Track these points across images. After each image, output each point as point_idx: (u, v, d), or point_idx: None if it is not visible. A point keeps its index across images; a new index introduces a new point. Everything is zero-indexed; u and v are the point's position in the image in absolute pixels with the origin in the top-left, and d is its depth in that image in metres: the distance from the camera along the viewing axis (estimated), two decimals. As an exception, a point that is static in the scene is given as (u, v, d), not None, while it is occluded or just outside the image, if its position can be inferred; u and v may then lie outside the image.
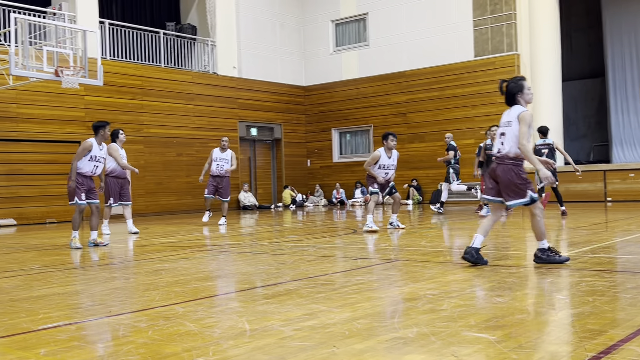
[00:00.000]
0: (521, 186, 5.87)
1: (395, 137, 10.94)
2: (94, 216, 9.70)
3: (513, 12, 19.18)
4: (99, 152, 9.59)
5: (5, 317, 4.32)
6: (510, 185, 5.90)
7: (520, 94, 6.24)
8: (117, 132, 11.69)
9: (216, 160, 13.53)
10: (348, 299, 4.58)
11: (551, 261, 5.79)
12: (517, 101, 6.26)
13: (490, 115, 19.52)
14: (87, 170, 9.55)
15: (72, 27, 14.20)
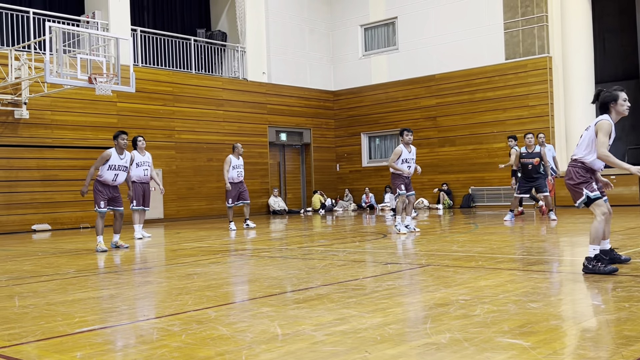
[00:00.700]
0: (578, 186, 5.69)
1: (410, 131, 11.21)
2: (117, 221, 10.03)
3: (544, 14, 18.96)
4: (119, 161, 9.78)
5: (42, 320, 4.40)
6: (569, 186, 5.78)
7: (613, 103, 5.78)
8: (136, 140, 11.90)
9: (236, 168, 13.68)
10: (379, 304, 4.56)
11: (596, 272, 5.46)
12: (609, 111, 5.80)
13: (521, 118, 19.32)
14: (108, 179, 9.77)
15: (105, 35, 14.43)
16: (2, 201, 15.25)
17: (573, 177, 5.72)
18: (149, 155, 12.09)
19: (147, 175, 11.98)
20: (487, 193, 20.08)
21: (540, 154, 12.88)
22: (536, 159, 12.83)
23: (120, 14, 17.84)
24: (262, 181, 21.27)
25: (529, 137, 12.95)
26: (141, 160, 11.85)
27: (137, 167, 11.81)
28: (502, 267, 6.30)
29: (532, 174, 12.88)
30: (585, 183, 5.66)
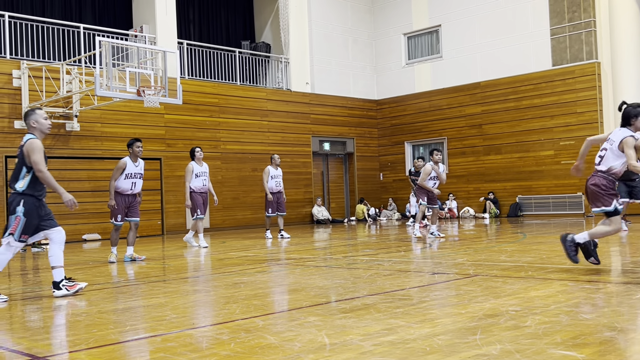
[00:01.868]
0: (605, 195, 6.23)
1: (439, 151, 12.09)
2: (131, 232, 10.16)
3: (592, 19, 18.59)
4: (134, 169, 10.00)
5: (94, 328, 4.50)
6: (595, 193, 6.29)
7: (635, 119, 6.28)
8: (194, 150, 12.07)
9: (274, 178, 13.85)
10: (427, 314, 4.52)
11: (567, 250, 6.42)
12: (631, 124, 6.31)
13: (569, 125, 18.94)
14: (126, 188, 9.94)
15: (153, 49, 14.74)
16: (54, 211, 15.56)
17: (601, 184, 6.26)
18: (207, 165, 12.27)
19: (206, 185, 12.18)
20: (535, 202, 19.72)
21: None
22: None
23: (167, 27, 18.20)
24: (306, 191, 21.34)
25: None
26: (200, 171, 12.04)
27: (196, 177, 12.05)
28: (553, 277, 6.17)
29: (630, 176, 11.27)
30: (614, 195, 6.24)
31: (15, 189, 6.05)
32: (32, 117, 6.25)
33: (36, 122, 6.24)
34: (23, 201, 6.02)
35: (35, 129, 6.22)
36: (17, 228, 5.98)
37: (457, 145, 21.57)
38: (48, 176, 6.05)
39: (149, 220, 17.43)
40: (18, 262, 10.88)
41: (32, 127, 6.23)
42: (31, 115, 6.28)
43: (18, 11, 17.01)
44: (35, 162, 5.98)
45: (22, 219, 6.01)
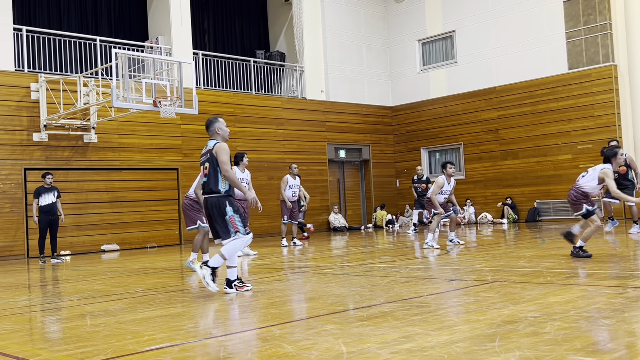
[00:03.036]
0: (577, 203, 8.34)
1: (453, 164, 11.97)
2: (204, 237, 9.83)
3: (608, 21, 18.44)
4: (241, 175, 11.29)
5: (113, 338, 4.52)
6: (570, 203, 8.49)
7: (613, 158, 8.13)
8: (242, 156, 12.04)
9: (292, 187, 14.13)
10: (445, 321, 4.49)
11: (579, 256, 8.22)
12: (611, 162, 8.13)
13: (587, 129, 18.78)
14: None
15: (169, 60, 14.85)
16: (72, 222, 15.80)
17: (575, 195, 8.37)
18: (249, 172, 12.29)
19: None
20: (554, 206, 19.55)
21: (626, 162, 12.17)
22: (622, 168, 12.19)
23: (183, 38, 18.34)
24: (322, 198, 21.34)
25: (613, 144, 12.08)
26: (241, 177, 12.02)
27: None
28: (572, 282, 6.11)
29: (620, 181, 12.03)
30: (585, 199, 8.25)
31: (220, 191, 6.44)
32: (215, 125, 6.75)
33: (220, 129, 6.76)
34: (228, 202, 6.45)
35: (219, 135, 6.74)
36: (237, 225, 6.34)
37: (474, 151, 21.46)
38: (233, 176, 6.45)
39: (166, 230, 17.53)
40: (38, 274, 10.98)
41: (216, 134, 6.73)
42: (215, 123, 6.77)
43: (35, 25, 17.24)
44: (223, 162, 6.41)
45: (235, 217, 6.40)
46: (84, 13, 19.05)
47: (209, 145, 6.61)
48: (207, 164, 6.54)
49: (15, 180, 15.14)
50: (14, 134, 15.22)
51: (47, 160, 15.57)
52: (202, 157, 6.68)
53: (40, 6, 18.11)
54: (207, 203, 6.50)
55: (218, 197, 6.42)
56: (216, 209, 6.40)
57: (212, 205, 6.43)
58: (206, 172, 6.53)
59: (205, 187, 6.55)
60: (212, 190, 6.44)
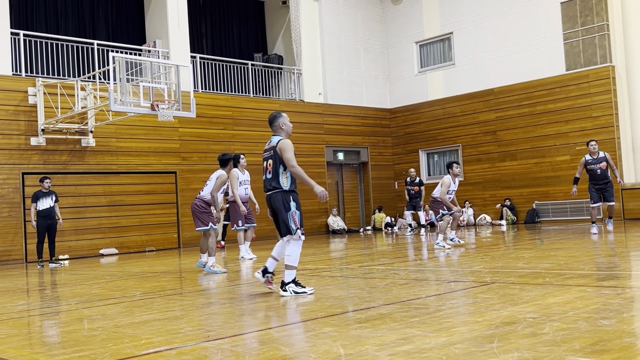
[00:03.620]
0: None
1: (458, 164, 12.03)
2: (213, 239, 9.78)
3: (605, 22, 18.46)
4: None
5: (110, 342, 4.50)
6: None
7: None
8: (239, 157, 12.06)
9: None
10: (443, 323, 4.48)
11: None
12: None
13: (585, 130, 18.79)
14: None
15: (166, 63, 14.85)
16: (71, 227, 15.78)
17: None
18: (248, 173, 12.30)
19: (248, 194, 12.35)
20: (553, 208, 19.55)
21: (606, 159, 12.72)
22: (603, 163, 12.67)
23: (180, 42, 18.34)
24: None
25: (592, 145, 12.84)
26: (243, 179, 12.08)
27: (240, 185, 12.25)
28: (571, 283, 6.10)
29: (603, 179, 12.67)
30: None
31: (282, 188, 6.37)
32: (280, 120, 6.57)
33: (284, 124, 6.57)
34: (292, 197, 6.38)
35: (283, 130, 6.57)
36: (297, 222, 6.31)
37: (472, 152, 21.47)
38: (300, 171, 6.35)
39: (165, 233, 17.51)
40: (36, 278, 10.96)
41: (280, 130, 6.56)
42: (279, 118, 6.59)
43: (33, 29, 17.24)
44: (288, 159, 6.31)
45: (297, 214, 6.37)
46: (81, 17, 19.05)
47: (273, 141, 6.49)
48: (270, 161, 6.45)
49: (13, 184, 15.12)
50: (11, 139, 15.20)
51: (44, 165, 15.55)
52: (266, 154, 6.54)
53: (38, 10, 18.11)
54: (270, 200, 6.45)
55: (282, 193, 6.36)
56: (281, 205, 6.34)
57: (276, 201, 6.38)
58: (269, 169, 6.44)
59: (267, 183, 6.47)
60: (275, 186, 6.38)
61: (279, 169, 6.37)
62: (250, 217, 12.92)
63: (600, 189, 12.73)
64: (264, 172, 6.53)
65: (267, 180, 6.48)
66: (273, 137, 6.54)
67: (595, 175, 12.73)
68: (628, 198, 18.12)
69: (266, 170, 6.49)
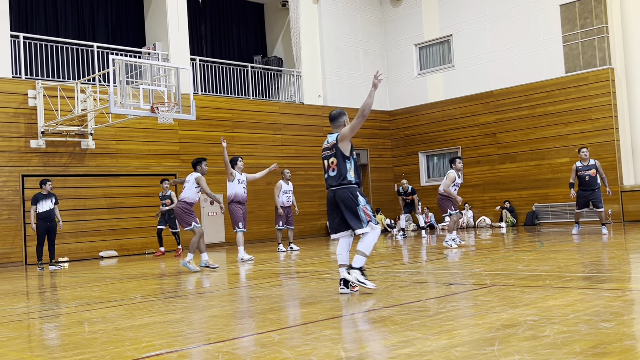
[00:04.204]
0: None
1: (461, 159, 12.42)
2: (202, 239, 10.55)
3: (604, 25, 18.49)
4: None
5: (111, 345, 4.50)
6: None
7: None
8: (237, 160, 12.22)
9: (285, 193, 14.33)
10: (444, 325, 4.48)
11: None
12: None
13: (584, 132, 18.81)
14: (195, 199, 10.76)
15: (166, 66, 14.86)
16: (70, 229, 15.77)
17: None
18: (246, 175, 12.43)
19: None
20: (552, 210, 19.56)
21: (596, 166, 13.25)
22: (592, 171, 13.22)
23: (180, 44, 18.35)
24: (320, 203, 21.32)
25: (583, 151, 13.40)
26: (239, 179, 12.17)
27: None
28: (571, 285, 6.10)
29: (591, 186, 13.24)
30: None
31: (351, 182, 6.38)
32: (344, 118, 6.62)
33: (347, 122, 6.61)
34: (358, 192, 6.41)
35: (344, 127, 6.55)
36: (370, 214, 6.33)
37: (472, 155, 21.48)
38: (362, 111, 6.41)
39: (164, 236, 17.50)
40: (36, 281, 10.95)
41: (342, 127, 6.56)
42: (343, 115, 6.64)
43: (33, 32, 17.25)
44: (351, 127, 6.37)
45: (367, 207, 6.39)
46: (81, 20, 19.06)
47: (331, 139, 6.52)
48: (332, 159, 6.45)
49: (13, 187, 15.12)
50: (11, 141, 15.21)
51: (44, 167, 15.55)
52: (325, 152, 6.55)
53: (38, 13, 18.12)
54: (334, 195, 6.41)
55: (349, 188, 6.36)
56: (348, 200, 6.32)
57: (342, 197, 6.35)
58: (333, 167, 6.44)
59: (332, 180, 6.45)
60: (342, 182, 6.36)
61: (345, 164, 6.38)
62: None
63: (588, 195, 13.25)
64: (326, 170, 6.55)
65: (331, 177, 6.47)
66: (330, 136, 6.56)
67: (584, 181, 13.29)
68: (628, 200, 18.13)
69: (328, 169, 6.49)
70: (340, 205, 6.38)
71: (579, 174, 13.31)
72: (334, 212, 6.48)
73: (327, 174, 6.50)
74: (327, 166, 6.52)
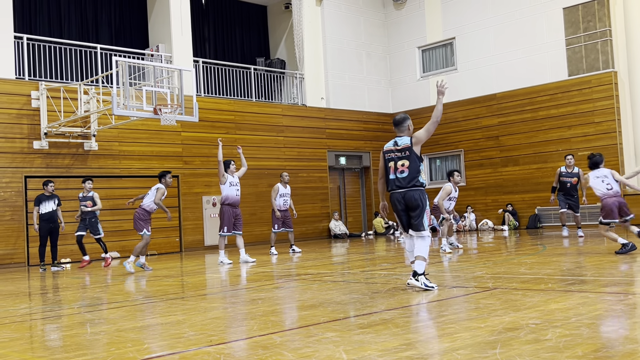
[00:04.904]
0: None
1: (459, 172, 12.79)
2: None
3: (608, 28, 18.48)
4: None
5: (113, 346, 4.51)
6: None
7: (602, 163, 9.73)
8: (229, 163, 12.49)
9: (283, 196, 14.44)
10: (446, 328, 4.48)
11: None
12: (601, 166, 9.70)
13: (587, 135, 18.78)
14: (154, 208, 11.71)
15: (169, 67, 14.87)
16: (73, 230, 15.75)
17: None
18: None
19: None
20: (555, 213, 19.52)
21: (579, 175, 13.88)
22: (574, 179, 13.92)
23: (183, 46, 18.37)
24: (323, 205, 21.33)
25: (568, 158, 14.07)
26: (231, 181, 12.35)
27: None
28: (573, 289, 6.10)
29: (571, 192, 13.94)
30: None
31: (423, 185, 6.68)
32: (408, 122, 6.93)
33: (411, 126, 6.90)
34: (426, 196, 6.68)
35: (410, 131, 6.87)
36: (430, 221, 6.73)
37: (474, 157, 21.47)
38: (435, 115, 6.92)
39: (167, 237, 17.52)
40: (38, 282, 10.96)
41: (407, 131, 6.87)
42: (408, 120, 6.95)
43: (36, 33, 17.29)
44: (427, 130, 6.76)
45: (428, 211, 6.69)
46: (84, 21, 19.10)
47: (402, 141, 6.73)
48: (404, 161, 6.66)
49: (16, 188, 15.14)
50: (14, 142, 15.23)
51: (47, 168, 15.58)
52: (393, 154, 6.76)
53: (41, 14, 18.16)
54: (404, 197, 6.62)
55: (420, 191, 6.61)
56: (418, 202, 6.56)
57: (412, 198, 6.56)
58: (403, 169, 6.65)
59: (402, 182, 6.64)
60: (415, 184, 6.59)
61: (418, 165, 6.63)
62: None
63: (568, 200, 13.94)
64: (392, 171, 6.72)
65: (400, 179, 6.65)
66: (399, 139, 6.78)
67: (565, 186, 13.97)
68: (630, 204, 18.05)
69: (396, 170, 6.69)
70: (409, 203, 6.59)
71: (561, 179, 13.92)
72: (403, 211, 6.70)
73: (395, 175, 6.69)
74: (394, 168, 6.72)
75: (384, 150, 6.90)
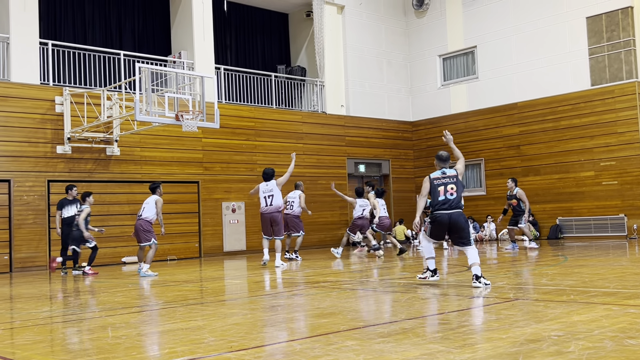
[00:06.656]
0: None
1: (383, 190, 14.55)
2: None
3: (632, 37, 18.29)
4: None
5: (134, 351, 4.54)
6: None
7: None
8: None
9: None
10: (467, 339, 4.45)
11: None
12: None
13: (610, 145, 18.58)
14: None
15: (191, 74, 14.98)
16: (94, 234, 15.91)
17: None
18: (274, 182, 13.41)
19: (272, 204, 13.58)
20: (576, 224, 19.33)
21: (516, 196, 15.61)
22: (514, 201, 15.65)
23: (205, 53, 18.51)
24: (342, 213, 21.31)
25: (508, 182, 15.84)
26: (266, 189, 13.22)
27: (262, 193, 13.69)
28: (596, 301, 6.03)
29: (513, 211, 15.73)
30: None
31: (462, 207, 7.96)
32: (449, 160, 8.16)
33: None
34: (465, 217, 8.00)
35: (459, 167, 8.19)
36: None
37: (495, 167, 21.33)
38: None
39: (186, 242, 17.61)
40: (59, 285, 11.07)
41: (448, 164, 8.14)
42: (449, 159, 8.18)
43: (61, 39, 17.52)
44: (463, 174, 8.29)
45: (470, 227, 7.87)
46: (108, 28, 19.33)
47: (451, 172, 8.00)
48: (452, 185, 7.90)
49: (39, 192, 15.33)
50: (37, 147, 15.43)
51: (70, 173, 15.75)
52: (443, 180, 7.94)
53: (66, 21, 18.40)
54: (449, 218, 7.79)
55: (463, 214, 7.93)
56: (464, 222, 7.88)
57: (459, 218, 7.82)
58: (451, 192, 7.86)
59: (451, 202, 7.82)
60: (460, 206, 7.88)
61: (461, 193, 7.98)
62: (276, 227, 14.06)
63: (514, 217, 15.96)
64: (442, 193, 7.86)
65: (451, 200, 7.84)
66: (447, 170, 8.03)
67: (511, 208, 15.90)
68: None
69: (446, 192, 7.87)
70: (455, 225, 7.79)
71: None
72: (445, 228, 7.90)
73: (445, 196, 7.85)
74: (444, 190, 7.87)
75: (431, 177, 8.02)
